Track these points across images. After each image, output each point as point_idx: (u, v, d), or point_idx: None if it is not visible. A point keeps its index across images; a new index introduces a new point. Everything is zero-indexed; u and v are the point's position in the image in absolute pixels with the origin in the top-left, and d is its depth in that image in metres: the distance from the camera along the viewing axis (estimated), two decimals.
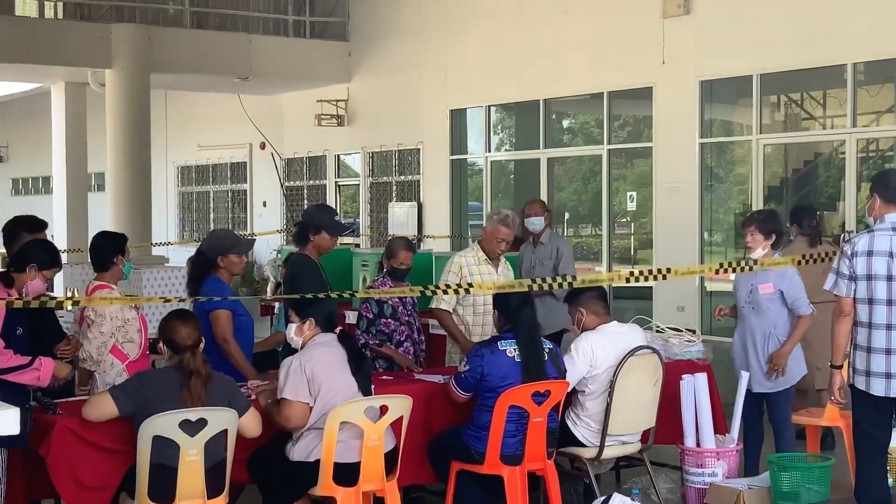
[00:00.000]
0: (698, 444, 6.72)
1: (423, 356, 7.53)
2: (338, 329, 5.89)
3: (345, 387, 5.65)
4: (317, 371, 5.59)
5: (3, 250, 7.78)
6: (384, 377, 6.77)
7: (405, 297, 7.42)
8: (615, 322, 6.66)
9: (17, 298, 4.85)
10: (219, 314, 6.46)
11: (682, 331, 7.50)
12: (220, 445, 5.27)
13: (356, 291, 7.38)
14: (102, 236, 6.69)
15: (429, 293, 6.50)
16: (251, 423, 5.44)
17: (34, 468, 5.38)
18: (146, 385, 5.22)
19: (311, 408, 5.58)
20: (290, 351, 5.98)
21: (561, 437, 6.41)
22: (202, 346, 5.44)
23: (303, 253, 7.22)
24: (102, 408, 5.21)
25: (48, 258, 5.71)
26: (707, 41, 13.55)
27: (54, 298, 4.63)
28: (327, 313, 5.88)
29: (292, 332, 5.85)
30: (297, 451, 5.63)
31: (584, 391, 6.50)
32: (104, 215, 17.61)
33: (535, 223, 9.07)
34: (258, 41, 18.36)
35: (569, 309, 6.70)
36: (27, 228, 6.42)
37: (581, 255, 16.41)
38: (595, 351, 6.43)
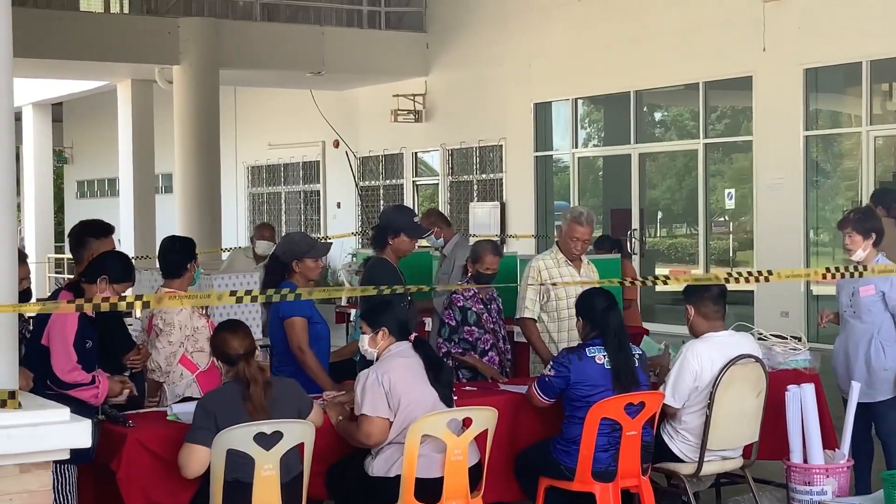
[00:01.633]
0: (806, 460, 6.63)
1: (509, 366, 7.52)
2: (412, 336, 5.92)
3: (424, 398, 5.67)
4: (395, 383, 5.62)
5: (69, 255, 7.94)
6: (467, 388, 6.78)
7: (490, 304, 7.42)
8: (728, 331, 6.55)
9: (86, 300, 4.94)
10: (294, 322, 6.53)
11: (786, 338, 7.40)
12: (296, 459, 5.32)
13: (434, 287, 7.39)
14: (173, 241, 6.80)
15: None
16: (315, 418, 5.53)
17: (105, 485, 5.48)
18: (209, 408, 5.27)
19: (392, 422, 5.62)
20: (368, 361, 6.02)
21: (656, 451, 6.36)
22: (258, 353, 5.50)
23: (381, 257, 7.26)
24: (196, 459, 5.19)
25: (121, 271, 5.77)
26: (812, 25, 13.38)
27: (123, 299, 4.70)
28: (400, 320, 5.91)
29: (366, 344, 5.88)
30: (377, 466, 5.67)
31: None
32: (172, 218, 17.90)
33: (434, 241, 9.19)
34: (331, 33, 18.53)
35: (683, 303, 6.61)
36: (94, 233, 6.54)
37: (675, 256, 16.30)
38: (703, 364, 6.34)
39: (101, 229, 6.63)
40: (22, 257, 6.63)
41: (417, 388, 5.68)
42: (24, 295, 6.53)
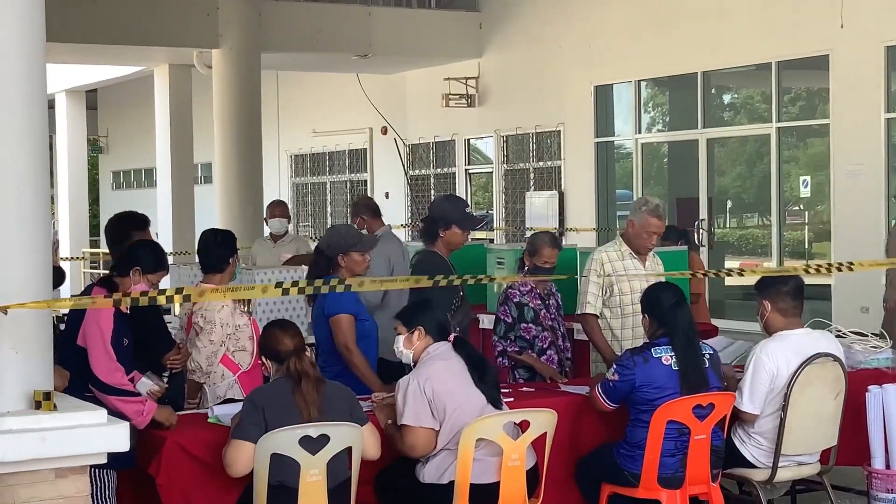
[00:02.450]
0: (888, 466, 6.58)
1: (568, 365, 7.52)
2: (451, 336, 5.92)
3: (471, 401, 5.66)
4: (438, 389, 5.62)
5: (105, 250, 8.04)
6: (525, 389, 6.79)
7: (549, 300, 7.41)
8: (805, 329, 6.49)
9: (125, 295, 4.98)
10: (340, 319, 6.55)
11: (867, 335, 7.33)
12: (343, 464, 5.34)
13: (490, 278, 7.38)
14: (213, 234, 6.84)
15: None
16: (369, 442, 5.49)
17: (144, 490, 5.54)
18: (258, 403, 5.31)
19: (437, 431, 5.61)
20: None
21: (727, 456, 6.33)
22: (308, 352, 5.54)
23: (431, 250, 7.27)
24: (244, 456, 5.22)
25: (153, 260, 5.83)
26: None
27: (162, 292, 4.73)
28: (438, 320, 5.92)
29: (401, 345, 5.88)
30: (428, 473, 5.67)
31: None
32: (212, 210, 18.01)
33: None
34: (379, 14, 18.54)
35: (756, 297, 6.57)
36: (137, 226, 6.63)
37: (746, 249, 16.19)
38: (778, 363, 6.29)
39: (141, 221, 6.72)
40: None
41: (462, 392, 5.67)
42: (56, 274, 6.61)
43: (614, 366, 6.23)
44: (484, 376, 5.75)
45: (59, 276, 7.20)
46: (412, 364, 5.87)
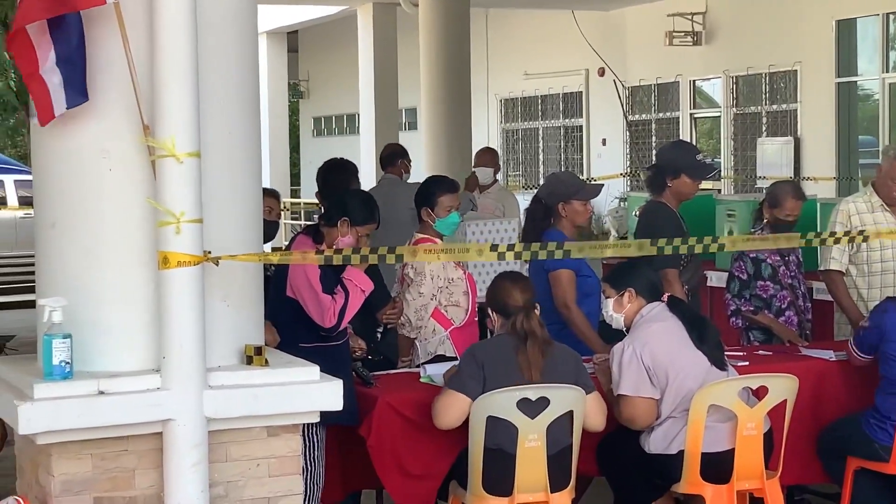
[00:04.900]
0: None
1: (809, 327, 7.37)
2: (665, 296, 5.85)
3: (695, 364, 5.61)
4: (657, 355, 5.57)
5: (306, 200, 8.20)
6: (761, 352, 6.70)
7: (788, 256, 7.26)
8: None
9: (336, 251, 5.06)
10: (560, 275, 6.52)
11: None
12: (564, 430, 5.35)
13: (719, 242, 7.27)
14: (432, 182, 6.90)
15: (816, 242, 6.33)
16: (593, 411, 5.47)
17: (352, 450, 5.65)
18: (479, 357, 5.36)
19: (658, 399, 5.57)
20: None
21: None
22: (538, 310, 5.54)
23: (658, 201, 7.17)
24: (454, 409, 5.27)
25: (363, 213, 5.84)
26: None
27: (375, 250, 4.80)
28: (649, 279, 5.86)
29: (610, 309, 5.85)
30: (654, 443, 5.64)
31: None
32: (418, 158, 18.18)
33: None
34: None
35: None
36: (349, 174, 6.78)
37: None
38: None
39: (353, 170, 6.88)
40: (273, 193, 7.02)
41: (684, 355, 5.62)
42: (271, 226, 6.86)
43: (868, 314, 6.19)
44: (704, 336, 5.68)
45: (271, 228, 7.40)
46: (624, 329, 5.84)
